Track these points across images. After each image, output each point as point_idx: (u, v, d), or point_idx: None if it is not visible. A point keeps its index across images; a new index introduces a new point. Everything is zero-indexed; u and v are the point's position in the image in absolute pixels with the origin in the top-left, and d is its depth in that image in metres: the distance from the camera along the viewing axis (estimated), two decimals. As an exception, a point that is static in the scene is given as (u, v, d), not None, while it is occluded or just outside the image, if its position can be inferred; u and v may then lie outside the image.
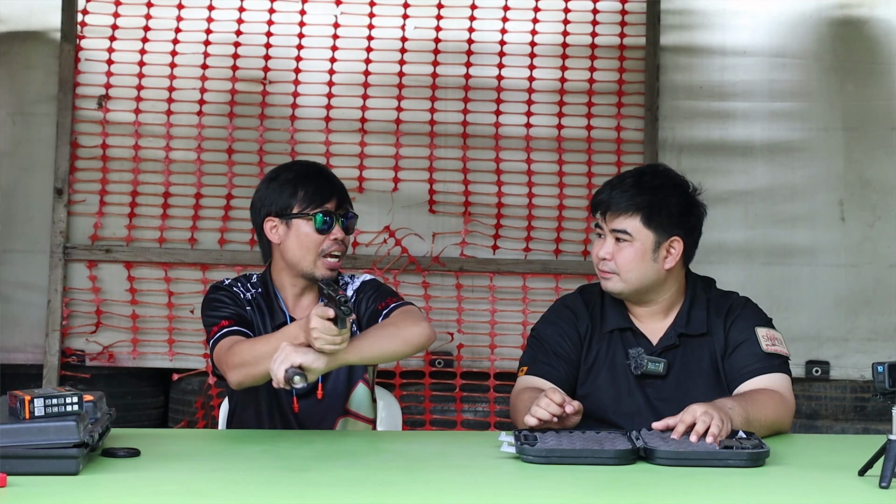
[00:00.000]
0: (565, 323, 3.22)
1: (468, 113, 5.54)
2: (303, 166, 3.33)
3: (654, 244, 3.12)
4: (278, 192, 3.25)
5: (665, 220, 3.12)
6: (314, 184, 3.24)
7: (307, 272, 3.23)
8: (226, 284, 3.31)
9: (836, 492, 2.46)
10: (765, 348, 3.12)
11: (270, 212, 3.26)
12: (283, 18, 5.57)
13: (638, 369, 3.12)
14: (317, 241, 3.21)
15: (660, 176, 3.18)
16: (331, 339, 2.85)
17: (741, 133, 5.55)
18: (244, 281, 3.33)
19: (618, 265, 3.11)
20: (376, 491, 2.43)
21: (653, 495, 2.46)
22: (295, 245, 3.23)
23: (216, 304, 3.24)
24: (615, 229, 3.11)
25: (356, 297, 3.32)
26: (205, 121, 5.53)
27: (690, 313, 3.18)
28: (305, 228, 3.22)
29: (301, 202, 3.22)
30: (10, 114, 5.55)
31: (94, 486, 2.40)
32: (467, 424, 5.39)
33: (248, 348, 3.04)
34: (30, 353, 5.49)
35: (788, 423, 3.08)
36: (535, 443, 2.69)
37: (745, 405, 2.91)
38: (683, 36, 5.59)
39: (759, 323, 3.18)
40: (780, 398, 3.05)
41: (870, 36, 5.54)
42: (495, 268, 5.50)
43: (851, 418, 5.38)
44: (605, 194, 3.14)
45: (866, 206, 5.50)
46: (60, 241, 5.45)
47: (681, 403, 2.88)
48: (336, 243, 3.22)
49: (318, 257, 3.22)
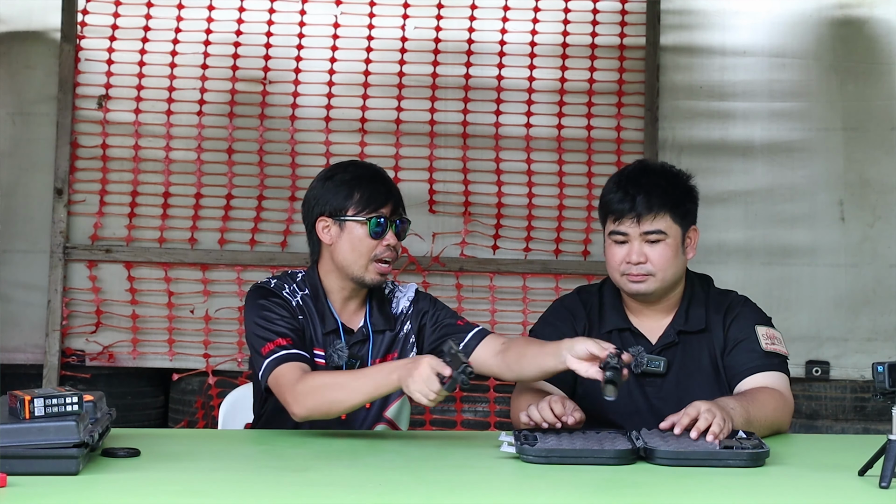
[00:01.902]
0: (563, 323, 3.22)
1: (468, 113, 5.54)
2: (360, 168, 3.24)
3: (681, 237, 3.14)
4: (333, 192, 3.16)
5: (687, 211, 3.16)
6: (371, 187, 3.15)
7: (357, 276, 3.15)
8: (273, 287, 3.16)
9: (836, 492, 2.46)
10: (764, 347, 3.12)
11: (324, 211, 3.16)
12: (283, 18, 5.58)
13: (638, 368, 3.12)
14: (370, 246, 3.13)
15: (664, 171, 3.19)
16: (431, 395, 2.74)
17: (741, 133, 5.55)
18: (290, 282, 3.19)
19: (655, 265, 3.10)
20: (376, 491, 2.43)
21: (653, 495, 2.46)
22: (347, 248, 3.14)
23: (269, 315, 3.08)
24: (648, 231, 3.09)
25: (412, 307, 3.25)
26: (205, 121, 5.53)
27: (689, 311, 3.18)
28: (359, 232, 3.13)
29: (356, 205, 3.13)
30: (10, 114, 5.55)
31: (94, 486, 2.40)
32: (467, 424, 5.39)
33: (333, 384, 2.93)
34: (30, 353, 5.49)
35: (788, 422, 3.08)
36: (535, 443, 2.69)
37: (746, 405, 2.91)
38: (683, 36, 5.59)
39: (759, 321, 3.18)
40: (780, 397, 3.05)
41: (870, 36, 5.54)
42: (495, 268, 5.50)
43: (851, 418, 5.38)
44: (627, 202, 3.09)
45: (866, 206, 5.50)
46: (60, 241, 5.45)
47: (680, 402, 2.88)
48: (388, 249, 3.15)
49: (370, 262, 3.13)
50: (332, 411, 2.95)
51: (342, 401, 2.92)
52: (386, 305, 3.24)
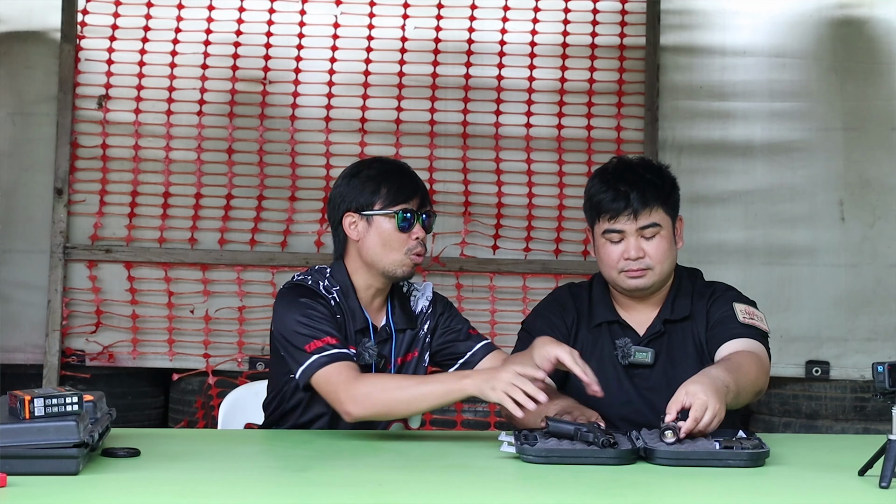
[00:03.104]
0: (553, 315, 3.27)
1: (468, 113, 5.54)
2: (385, 163, 3.27)
3: (672, 228, 3.16)
4: (360, 188, 3.17)
5: (675, 202, 3.18)
6: (397, 181, 3.17)
7: (388, 270, 3.14)
8: (311, 284, 3.14)
9: (836, 492, 2.46)
10: (742, 320, 3.14)
11: (350, 207, 3.17)
12: (283, 18, 5.58)
13: (625, 359, 3.15)
14: (399, 240, 3.13)
15: (645, 165, 3.21)
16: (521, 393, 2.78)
17: (741, 133, 5.55)
18: (321, 279, 3.17)
19: (653, 258, 3.12)
20: (376, 491, 2.43)
21: (653, 495, 2.46)
22: (376, 243, 3.14)
23: (312, 314, 3.05)
24: (645, 225, 3.11)
25: (431, 307, 3.27)
26: (205, 121, 5.53)
27: (675, 301, 3.21)
28: (387, 226, 3.13)
29: (383, 199, 3.14)
30: (10, 114, 5.55)
31: (94, 486, 2.40)
32: (467, 424, 5.39)
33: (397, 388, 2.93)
34: (30, 353, 5.49)
35: (766, 384, 3.11)
36: (535, 443, 2.69)
37: (733, 375, 2.89)
38: (683, 36, 5.59)
39: (738, 300, 3.20)
40: (758, 359, 3.06)
41: (870, 36, 5.54)
42: (495, 268, 5.50)
43: (851, 418, 5.38)
44: (621, 200, 3.09)
45: (866, 206, 5.50)
46: (60, 241, 5.45)
47: (668, 391, 2.87)
48: (419, 243, 3.15)
49: (404, 255, 3.14)
50: (392, 414, 2.98)
51: (406, 404, 2.93)
52: (407, 304, 3.27)
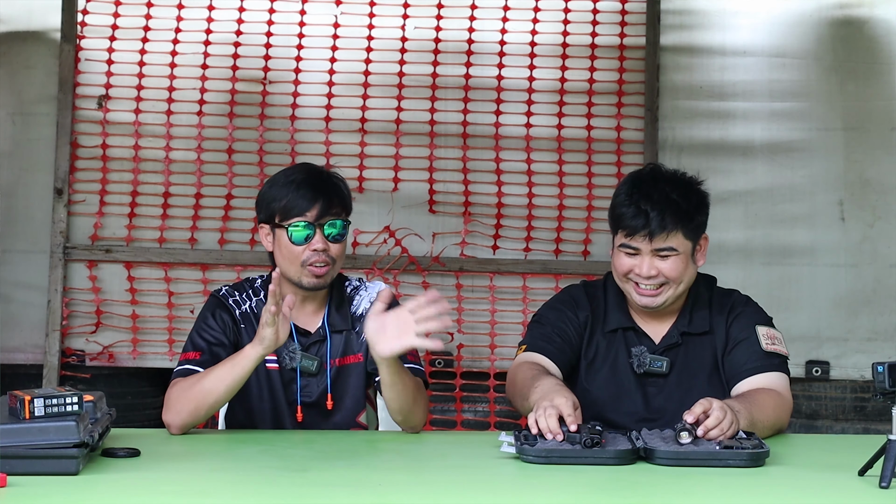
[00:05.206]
0: (567, 309, 3.23)
1: (468, 113, 5.54)
2: (293, 172, 3.23)
3: (692, 249, 3.12)
4: (268, 200, 3.18)
5: (699, 225, 3.14)
6: (295, 193, 3.14)
7: (294, 281, 3.15)
8: (222, 295, 3.22)
9: (836, 492, 2.46)
10: (765, 347, 3.12)
11: (261, 219, 3.21)
12: (283, 18, 5.57)
13: (640, 368, 3.13)
14: (295, 252, 3.13)
15: (676, 180, 3.15)
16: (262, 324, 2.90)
17: (741, 133, 5.55)
18: (246, 288, 3.24)
19: (668, 276, 3.09)
20: (376, 491, 2.43)
21: (653, 495, 2.46)
22: (280, 255, 3.16)
23: (201, 326, 3.17)
24: (660, 248, 3.08)
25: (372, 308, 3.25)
26: (205, 121, 5.53)
27: (693, 312, 3.18)
28: (284, 239, 3.14)
29: (280, 213, 3.15)
30: (10, 114, 5.55)
31: (94, 486, 2.40)
32: (467, 424, 5.39)
33: (195, 381, 3.03)
34: (30, 353, 5.49)
35: (787, 421, 3.09)
36: (535, 443, 2.69)
37: (749, 408, 2.90)
38: (683, 36, 5.59)
39: (760, 321, 3.18)
40: (779, 397, 3.05)
41: (870, 36, 5.54)
42: (495, 268, 5.50)
43: (851, 418, 5.38)
44: (640, 219, 3.06)
45: (866, 206, 5.50)
46: (60, 241, 5.45)
47: (681, 402, 2.88)
48: (317, 254, 3.12)
49: (302, 267, 3.13)
50: (201, 407, 3.01)
51: (207, 392, 2.99)
52: (345, 305, 3.25)
